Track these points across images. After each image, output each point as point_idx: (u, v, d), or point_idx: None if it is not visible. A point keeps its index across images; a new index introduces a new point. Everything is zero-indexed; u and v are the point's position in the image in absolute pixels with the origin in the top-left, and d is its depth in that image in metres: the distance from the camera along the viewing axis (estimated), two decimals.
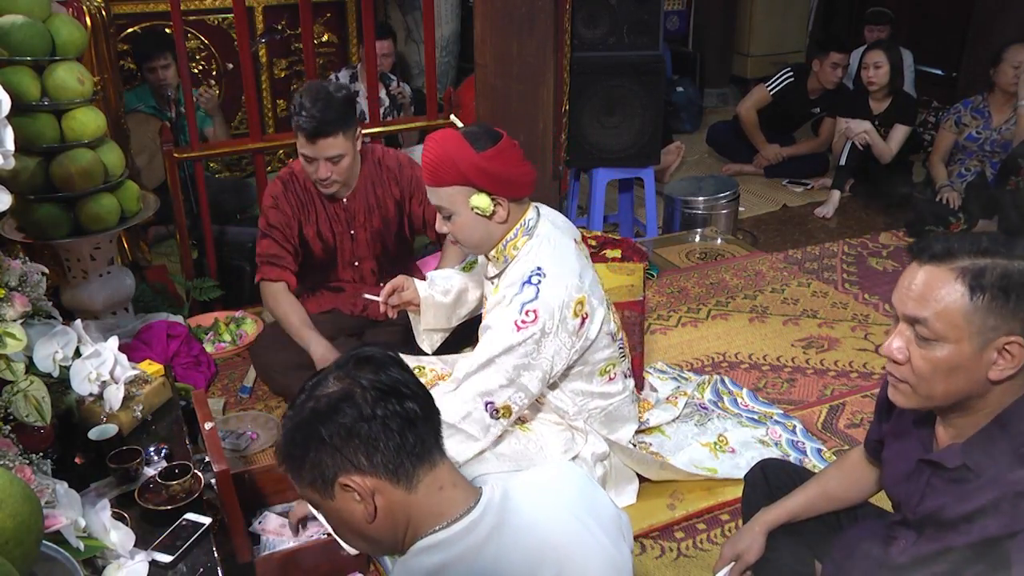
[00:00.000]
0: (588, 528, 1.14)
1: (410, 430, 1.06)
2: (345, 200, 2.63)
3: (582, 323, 1.94)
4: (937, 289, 1.16)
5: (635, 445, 2.28)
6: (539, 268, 1.90)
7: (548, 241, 1.96)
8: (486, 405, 1.89)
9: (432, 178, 1.89)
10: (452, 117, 2.00)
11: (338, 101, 2.39)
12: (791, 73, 5.06)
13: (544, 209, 2.06)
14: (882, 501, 1.64)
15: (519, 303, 1.88)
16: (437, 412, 1.12)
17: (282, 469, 1.11)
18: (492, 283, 2.06)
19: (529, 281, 1.89)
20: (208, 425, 1.92)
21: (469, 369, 1.91)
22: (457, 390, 1.91)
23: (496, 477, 1.19)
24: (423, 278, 2.34)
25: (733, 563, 1.62)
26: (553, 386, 2.07)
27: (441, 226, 1.97)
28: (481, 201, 1.88)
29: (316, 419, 1.05)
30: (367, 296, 2.34)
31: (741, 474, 2.28)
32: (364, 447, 1.04)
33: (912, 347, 1.20)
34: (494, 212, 1.90)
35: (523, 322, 1.86)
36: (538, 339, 1.87)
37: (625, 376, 2.18)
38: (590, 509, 1.17)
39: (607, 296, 2.11)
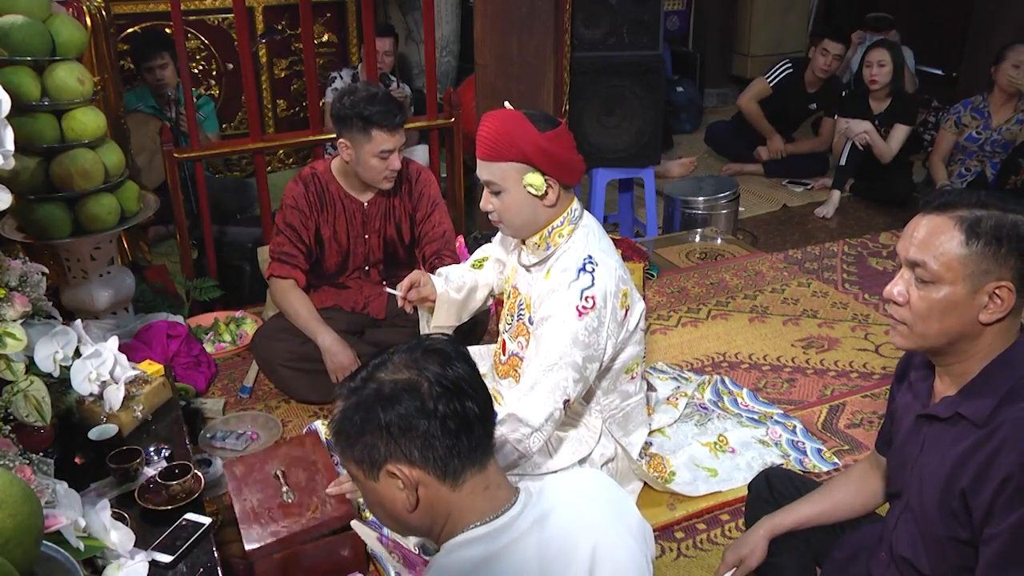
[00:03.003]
0: (619, 532, 1.16)
1: (466, 432, 1.07)
2: (365, 204, 2.66)
3: (625, 314, 1.97)
4: (937, 235, 1.25)
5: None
6: (590, 256, 1.92)
7: (593, 233, 1.98)
8: (564, 403, 1.89)
9: (489, 152, 1.89)
10: (506, 103, 1.97)
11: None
12: (790, 65, 5.10)
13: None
14: (885, 511, 1.64)
15: (578, 289, 1.88)
16: (493, 414, 1.13)
17: (332, 441, 1.13)
18: (529, 271, 2.05)
19: (584, 268, 1.90)
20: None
21: (542, 366, 1.88)
22: (535, 390, 1.87)
23: (528, 477, 1.19)
24: None
25: (735, 568, 1.61)
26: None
27: (487, 203, 1.96)
28: (536, 179, 1.88)
29: (378, 403, 1.06)
30: (387, 291, 2.34)
31: (741, 474, 2.30)
32: (419, 442, 1.05)
33: (912, 289, 1.29)
34: (545, 193, 1.91)
35: (583, 308, 1.87)
36: (596, 327, 1.89)
37: (642, 377, 2.21)
38: (620, 515, 1.20)
39: None
